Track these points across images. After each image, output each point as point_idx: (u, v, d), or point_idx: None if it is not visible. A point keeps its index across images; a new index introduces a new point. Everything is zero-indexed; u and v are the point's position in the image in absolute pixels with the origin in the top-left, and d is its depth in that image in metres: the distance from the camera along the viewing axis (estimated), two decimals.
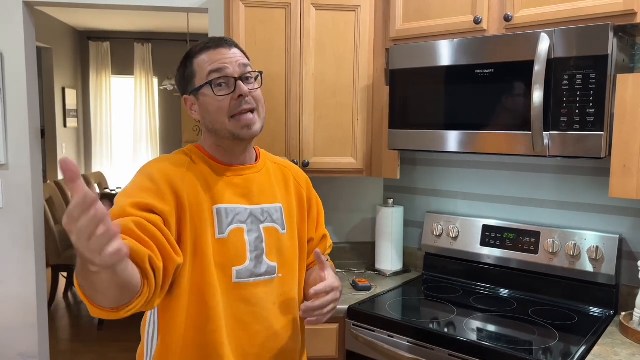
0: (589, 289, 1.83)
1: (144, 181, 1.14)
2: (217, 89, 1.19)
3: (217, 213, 1.19)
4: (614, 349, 1.52)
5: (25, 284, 2.51)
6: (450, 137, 1.79)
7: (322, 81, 2.04)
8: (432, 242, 2.20)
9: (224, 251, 1.19)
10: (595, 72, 1.50)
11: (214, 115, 1.20)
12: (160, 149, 7.28)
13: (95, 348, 3.62)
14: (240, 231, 1.21)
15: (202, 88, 1.20)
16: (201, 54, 1.21)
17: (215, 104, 1.19)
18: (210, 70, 1.19)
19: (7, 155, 2.44)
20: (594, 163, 1.85)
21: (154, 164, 1.20)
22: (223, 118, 1.19)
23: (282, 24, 2.00)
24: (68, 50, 6.61)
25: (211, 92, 1.19)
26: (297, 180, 1.40)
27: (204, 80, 1.19)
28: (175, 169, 1.18)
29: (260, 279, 1.23)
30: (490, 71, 1.68)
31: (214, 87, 1.19)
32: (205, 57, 1.20)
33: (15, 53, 2.41)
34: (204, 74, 1.19)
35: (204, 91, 1.20)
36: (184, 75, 1.24)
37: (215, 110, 1.19)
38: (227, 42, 1.23)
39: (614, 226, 1.83)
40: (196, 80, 1.21)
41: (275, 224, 1.28)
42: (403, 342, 1.68)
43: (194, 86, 1.22)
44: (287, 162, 1.43)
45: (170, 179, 1.15)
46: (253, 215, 1.24)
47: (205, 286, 1.16)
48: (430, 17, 1.89)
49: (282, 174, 1.37)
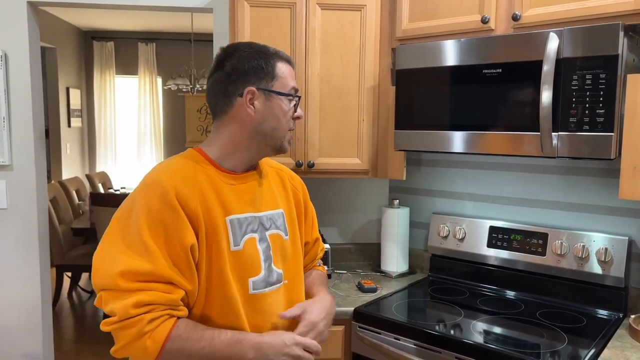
0: (597, 291, 1.81)
1: (165, 212, 1.09)
2: (292, 105, 1.25)
3: (231, 224, 1.17)
4: (624, 353, 1.50)
5: (29, 285, 2.51)
6: (457, 137, 1.77)
7: (327, 82, 2.02)
8: (438, 244, 2.18)
9: (239, 263, 1.17)
10: (605, 72, 1.48)
11: (279, 123, 1.23)
12: (164, 148, 7.27)
13: (99, 349, 3.61)
14: (253, 241, 1.21)
15: (282, 95, 1.22)
16: (284, 63, 1.24)
17: (286, 116, 1.23)
18: (294, 87, 1.25)
19: (12, 155, 2.44)
20: (603, 164, 1.83)
21: (165, 182, 1.12)
22: (285, 128, 1.24)
23: (287, 24, 1.98)
24: (72, 50, 6.61)
25: (288, 104, 1.23)
26: (293, 183, 1.40)
27: (287, 91, 1.23)
28: (186, 188, 1.13)
29: (273, 287, 1.23)
30: (498, 71, 1.67)
31: (292, 102, 1.24)
32: (288, 69, 1.24)
33: (20, 53, 2.40)
34: (287, 85, 1.23)
35: (282, 99, 1.22)
36: (260, 68, 1.20)
37: (284, 120, 1.23)
38: (293, 64, 1.29)
39: (623, 228, 1.81)
40: (275, 83, 1.22)
41: (279, 230, 1.28)
42: (409, 344, 1.66)
43: (271, 87, 1.21)
44: (281, 165, 1.43)
45: (185, 202, 1.11)
46: (261, 223, 1.23)
47: (225, 300, 1.15)
48: (436, 16, 1.87)
49: (279, 178, 1.36)
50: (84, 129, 6.95)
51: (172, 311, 1.08)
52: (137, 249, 1.06)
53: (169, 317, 1.07)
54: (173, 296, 1.08)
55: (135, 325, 1.04)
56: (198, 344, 1.08)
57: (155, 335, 1.05)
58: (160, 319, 1.06)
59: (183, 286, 1.09)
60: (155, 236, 1.07)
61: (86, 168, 7.01)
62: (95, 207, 4.15)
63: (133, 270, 1.05)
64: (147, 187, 1.13)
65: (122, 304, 1.04)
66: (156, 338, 1.05)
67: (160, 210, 1.08)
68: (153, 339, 1.05)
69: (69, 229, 4.43)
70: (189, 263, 1.10)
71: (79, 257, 4.33)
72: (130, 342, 1.05)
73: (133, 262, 1.05)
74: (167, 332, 1.06)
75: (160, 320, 1.06)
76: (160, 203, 1.09)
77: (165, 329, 1.06)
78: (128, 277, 1.05)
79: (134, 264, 1.05)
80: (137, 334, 1.04)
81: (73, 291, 4.83)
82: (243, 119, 1.20)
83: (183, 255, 1.09)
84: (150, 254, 1.06)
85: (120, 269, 1.05)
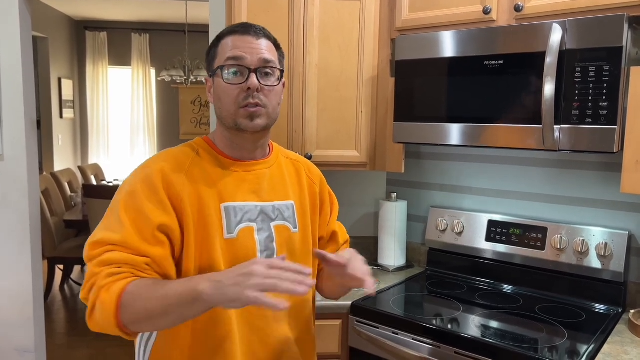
0: (596, 286, 1.80)
1: (143, 190, 1.09)
2: (229, 76, 1.14)
3: (226, 212, 1.14)
4: (624, 348, 1.49)
5: (21, 277, 2.47)
6: (457, 130, 1.75)
7: (325, 73, 1.99)
8: (436, 237, 2.16)
9: (233, 252, 1.14)
10: (609, 65, 1.46)
11: (221, 102, 1.16)
12: (157, 140, 7.22)
13: (92, 342, 3.58)
14: (250, 230, 1.16)
15: (216, 71, 1.16)
16: (227, 37, 1.17)
17: (226, 91, 1.14)
18: (228, 56, 1.14)
19: (3, 146, 2.39)
20: (604, 158, 1.82)
21: (154, 165, 1.13)
22: (230, 106, 1.14)
23: (285, 14, 1.95)
24: (64, 40, 6.53)
25: (228, 78, 1.14)
26: (310, 176, 1.34)
27: (221, 64, 1.15)
28: (174, 172, 1.12)
29: None
30: (500, 63, 1.64)
31: (227, 73, 1.14)
32: (229, 41, 1.16)
33: (11, 42, 2.35)
34: (223, 57, 1.15)
35: (220, 75, 1.16)
36: (209, 55, 1.20)
37: (225, 97, 1.15)
38: (256, 30, 1.17)
39: (623, 222, 1.80)
40: (216, 62, 1.17)
41: (287, 222, 1.23)
42: (408, 339, 1.65)
43: (213, 68, 1.18)
44: (300, 157, 1.38)
45: (168, 185, 1.10)
46: (264, 212, 1.19)
47: None
48: (437, 6, 1.84)
49: (295, 170, 1.31)
50: (76, 120, 6.88)
51: (137, 271, 1.03)
52: (112, 223, 1.07)
53: (131, 276, 1.02)
54: (137, 258, 1.03)
55: (94, 281, 1.01)
56: (152, 290, 1.00)
57: (112, 289, 0.99)
58: (121, 275, 1.01)
59: (149, 254, 1.05)
60: (128, 209, 1.07)
61: (78, 160, 6.95)
62: (88, 199, 4.11)
63: (102, 239, 1.05)
64: (137, 171, 1.14)
65: (89, 267, 1.04)
66: (113, 291, 0.98)
67: (140, 187, 1.09)
68: (110, 292, 0.98)
69: (61, 221, 4.38)
70: (154, 236, 1.06)
71: (72, 250, 4.29)
72: (93, 303, 1.00)
73: (104, 233, 1.06)
74: (124, 285, 0.99)
75: (120, 277, 1.01)
76: (142, 183, 1.10)
77: (123, 283, 1.00)
78: (97, 246, 1.05)
79: (103, 235, 1.05)
80: (96, 289, 1.00)
81: (65, 284, 4.79)
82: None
83: (150, 229, 1.06)
84: (121, 225, 1.05)
85: (91, 241, 1.06)
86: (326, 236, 1.38)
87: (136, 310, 0.98)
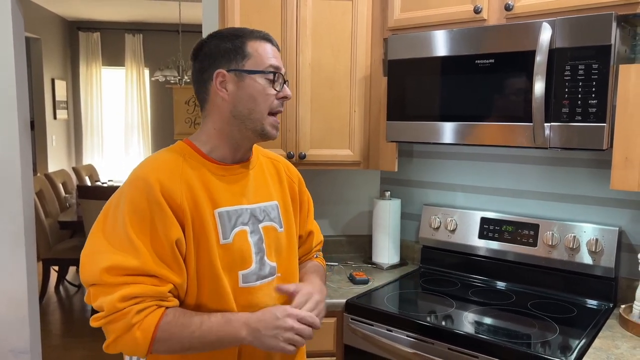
0: (587, 281, 1.82)
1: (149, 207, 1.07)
2: (274, 84, 1.18)
3: (220, 217, 1.15)
4: (615, 342, 1.51)
5: (15, 279, 2.46)
6: (450, 128, 1.76)
7: (318, 72, 2.00)
8: (430, 235, 2.18)
9: (229, 256, 1.15)
10: (598, 63, 1.47)
11: (255, 104, 1.17)
12: (151, 141, 7.21)
13: (87, 343, 3.58)
14: (243, 233, 1.18)
15: (255, 74, 1.16)
16: (258, 41, 1.18)
17: (263, 96, 1.17)
18: (272, 64, 1.17)
19: None
20: (594, 155, 1.84)
21: (149, 176, 1.10)
22: (264, 111, 1.17)
23: (278, 13, 1.96)
24: (57, 40, 6.51)
25: (265, 83, 1.17)
26: (289, 175, 1.36)
27: (262, 69, 1.16)
28: (171, 182, 1.11)
29: (265, 281, 1.21)
30: (491, 62, 1.66)
31: (272, 81, 1.17)
32: (264, 47, 1.18)
33: (3, 43, 2.34)
34: (263, 63, 1.16)
35: (255, 78, 1.16)
36: (229, 49, 1.17)
37: (262, 101, 1.17)
38: (276, 43, 1.23)
39: (613, 219, 1.82)
40: (247, 62, 1.16)
41: (274, 223, 1.25)
42: (402, 336, 1.66)
43: (243, 67, 1.16)
44: (278, 155, 1.40)
45: (169, 196, 1.09)
46: (253, 215, 1.21)
47: (215, 294, 1.13)
48: (429, 6, 1.85)
49: (275, 169, 1.33)
50: (70, 121, 6.86)
51: (161, 302, 1.07)
52: (123, 245, 1.05)
53: (157, 307, 1.06)
54: (161, 288, 1.06)
55: (123, 318, 1.03)
56: (188, 328, 1.06)
57: (144, 326, 1.03)
58: (149, 309, 1.04)
59: (171, 280, 1.08)
60: (140, 232, 1.06)
61: (72, 160, 6.93)
62: (82, 200, 4.10)
63: (119, 265, 1.04)
64: (133, 183, 1.11)
65: (109, 299, 1.03)
66: (145, 328, 1.03)
67: (145, 206, 1.07)
68: (142, 329, 1.03)
69: (56, 222, 4.37)
70: (175, 257, 1.09)
71: (66, 251, 4.28)
72: (120, 336, 1.04)
73: (118, 257, 1.04)
74: (157, 321, 1.04)
75: (148, 311, 1.04)
76: (145, 198, 1.07)
77: (154, 318, 1.04)
78: (114, 272, 1.04)
79: (119, 260, 1.04)
80: (125, 326, 1.03)
81: (60, 285, 4.78)
82: (220, 105, 1.18)
83: (169, 250, 1.07)
84: (136, 249, 1.05)
85: (105, 265, 1.03)
86: (304, 235, 1.42)
87: (171, 347, 1.07)
